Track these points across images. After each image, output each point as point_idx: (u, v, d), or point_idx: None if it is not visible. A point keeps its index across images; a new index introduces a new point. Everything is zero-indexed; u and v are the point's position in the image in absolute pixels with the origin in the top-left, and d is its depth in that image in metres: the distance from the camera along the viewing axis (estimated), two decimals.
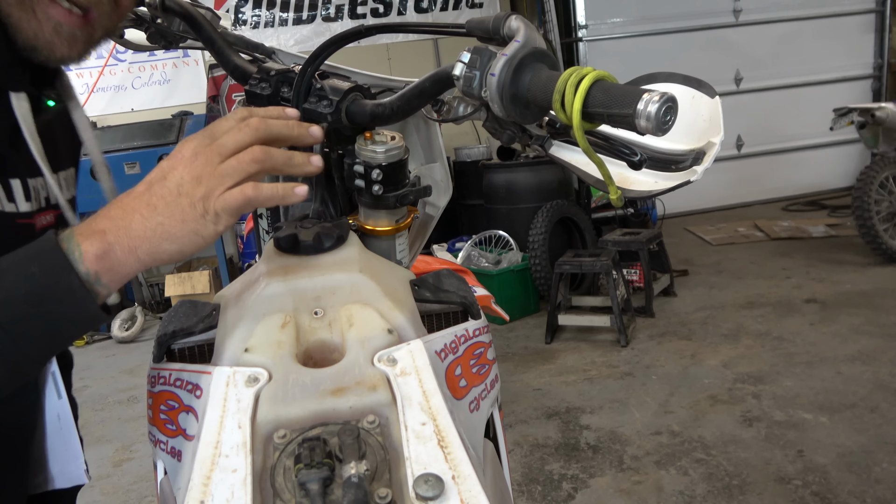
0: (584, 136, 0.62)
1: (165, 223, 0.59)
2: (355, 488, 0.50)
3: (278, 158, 0.63)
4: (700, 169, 0.71)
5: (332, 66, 0.89)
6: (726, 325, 3.76)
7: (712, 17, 6.36)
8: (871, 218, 4.29)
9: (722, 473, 2.38)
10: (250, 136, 0.62)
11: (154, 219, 0.59)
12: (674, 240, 5.50)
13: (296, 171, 0.64)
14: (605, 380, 3.24)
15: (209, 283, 4.68)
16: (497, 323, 3.94)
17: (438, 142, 1.01)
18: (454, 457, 0.55)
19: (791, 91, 6.61)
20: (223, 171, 0.60)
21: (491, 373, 0.75)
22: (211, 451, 0.55)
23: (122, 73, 5.47)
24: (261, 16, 5.65)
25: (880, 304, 3.83)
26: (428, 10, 5.85)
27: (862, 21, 6.72)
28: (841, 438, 2.52)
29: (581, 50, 6.27)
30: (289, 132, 0.65)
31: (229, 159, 0.61)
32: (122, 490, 2.70)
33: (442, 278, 0.80)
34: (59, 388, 0.86)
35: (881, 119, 4.42)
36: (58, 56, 0.73)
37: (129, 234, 0.59)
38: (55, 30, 0.71)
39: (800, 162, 6.80)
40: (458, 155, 5.33)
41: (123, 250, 0.59)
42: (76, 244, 0.58)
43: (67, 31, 0.72)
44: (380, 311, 0.67)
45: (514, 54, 0.64)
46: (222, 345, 0.67)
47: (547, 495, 2.37)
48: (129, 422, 3.33)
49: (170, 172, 0.60)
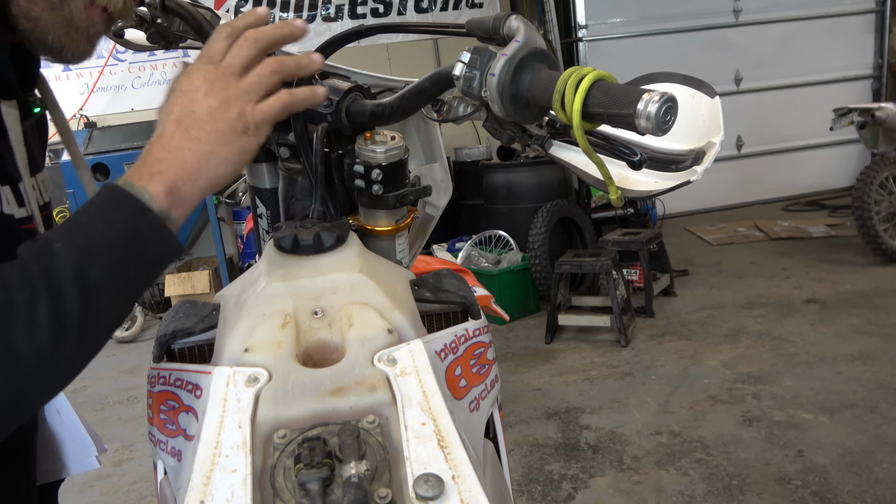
0: (584, 136, 0.62)
1: (214, 150, 0.62)
2: (355, 488, 0.50)
3: (290, 65, 0.65)
4: (700, 169, 0.71)
5: (332, 66, 0.89)
6: (726, 325, 3.76)
7: (712, 17, 6.36)
8: (871, 218, 4.29)
9: (722, 473, 2.38)
10: (253, 48, 0.64)
11: (203, 148, 0.61)
12: (674, 240, 5.50)
13: (306, 71, 0.67)
14: (605, 380, 3.24)
15: (209, 283, 4.68)
16: (497, 323, 3.94)
17: (438, 142, 1.01)
18: (454, 457, 0.55)
19: (791, 91, 6.61)
20: (246, 87, 0.63)
21: (491, 373, 0.75)
22: (211, 451, 0.55)
23: (122, 73, 5.47)
24: None
25: (880, 304, 3.84)
26: (428, 10, 5.85)
27: (862, 21, 6.72)
28: (841, 438, 2.52)
29: (581, 50, 6.27)
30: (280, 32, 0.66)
31: (248, 75, 0.63)
32: (122, 490, 2.70)
33: (442, 278, 0.80)
34: None
35: (881, 119, 4.42)
36: (80, 52, 0.75)
37: (186, 168, 0.61)
38: (87, 30, 0.73)
39: (800, 162, 6.80)
40: (458, 155, 5.33)
41: (185, 183, 0.61)
42: (142, 188, 0.60)
43: (97, 28, 0.74)
44: (380, 311, 0.67)
45: (514, 54, 0.64)
46: (222, 345, 0.67)
47: (547, 495, 2.37)
48: (129, 422, 3.33)
49: (193, 105, 0.62)
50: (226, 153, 0.62)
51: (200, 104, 0.62)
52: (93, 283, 0.56)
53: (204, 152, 0.62)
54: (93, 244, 0.57)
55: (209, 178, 0.63)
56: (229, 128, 0.62)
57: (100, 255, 0.57)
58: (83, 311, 0.55)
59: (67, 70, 5.31)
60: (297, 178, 0.85)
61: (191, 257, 5.36)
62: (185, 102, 0.63)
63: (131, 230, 0.59)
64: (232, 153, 0.63)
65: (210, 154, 0.62)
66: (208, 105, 0.62)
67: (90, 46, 0.75)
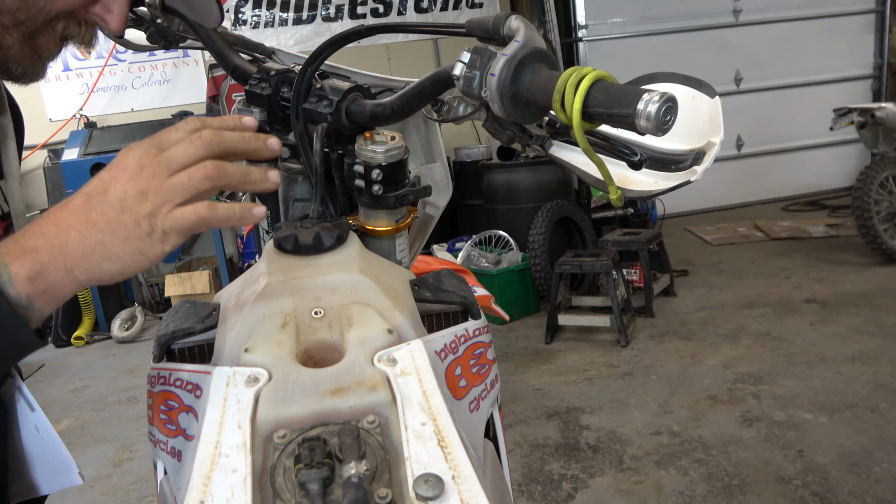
0: (584, 136, 0.62)
1: (106, 241, 0.54)
2: (355, 488, 0.50)
3: (233, 175, 0.58)
4: (700, 169, 0.71)
5: (332, 66, 0.89)
6: (726, 325, 3.75)
7: (712, 17, 6.36)
8: (871, 218, 4.29)
9: (722, 473, 2.38)
10: (202, 150, 0.57)
11: (93, 236, 0.54)
12: (674, 240, 5.50)
13: (252, 188, 0.60)
14: (605, 380, 3.24)
15: (209, 283, 4.67)
16: (497, 323, 3.94)
17: (438, 142, 1.01)
18: (454, 457, 0.55)
19: (791, 91, 6.61)
20: (171, 186, 0.55)
21: (491, 373, 0.75)
22: (211, 451, 0.55)
23: (122, 73, 5.47)
24: (261, 16, 5.65)
25: (880, 304, 3.83)
26: (428, 10, 5.85)
27: (862, 21, 6.72)
28: (841, 438, 2.52)
29: (581, 50, 6.27)
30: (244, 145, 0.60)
31: (179, 174, 0.56)
32: (122, 490, 2.70)
33: (442, 278, 0.80)
34: (31, 401, 0.86)
35: (881, 119, 4.42)
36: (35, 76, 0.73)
37: (65, 252, 0.54)
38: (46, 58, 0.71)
39: (800, 162, 6.80)
40: (458, 155, 5.33)
41: (59, 271, 0.54)
42: (3, 265, 0.53)
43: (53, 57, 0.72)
44: (380, 311, 0.67)
45: (514, 54, 0.64)
46: (222, 345, 0.67)
47: (547, 495, 2.37)
48: (129, 422, 3.33)
49: (111, 185, 0.55)
50: (118, 250, 0.55)
51: (117, 187, 0.55)
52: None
53: (93, 241, 0.54)
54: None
55: (89, 271, 0.55)
56: (133, 224, 0.54)
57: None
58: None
59: (67, 70, 5.32)
60: (297, 178, 0.86)
61: (191, 257, 5.36)
62: (107, 178, 0.56)
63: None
64: (125, 252, 0.55)
65: (99, 244, 0.54)
66: (124, 190, 0.55)
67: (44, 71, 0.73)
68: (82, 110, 5.31)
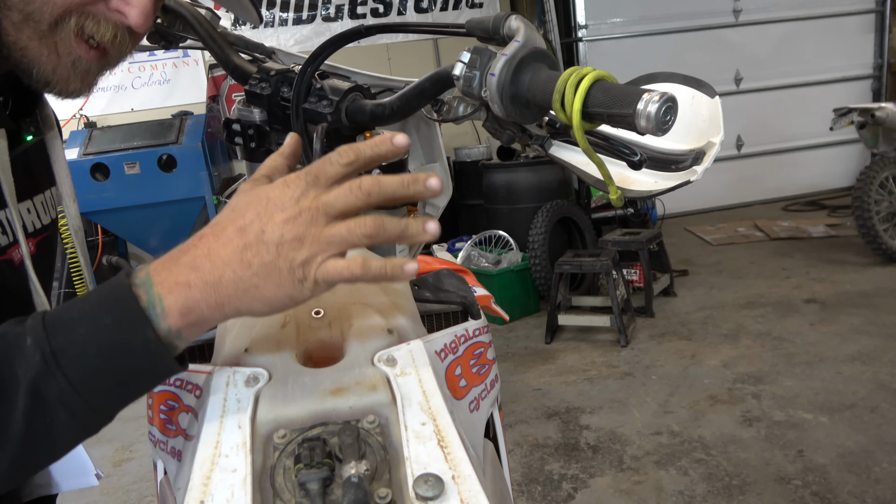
0: (584, 136, 0.62)
1: (260, 286, 0.53)
2: (355, 488, 0.50)
3: (392, 232, 0.55)
4: (700, 169, 0.71)
5: (332, 66, 0.89)
6: (726, 325, 3.75)
7: (712, 17, 6.35)
8: (871, 218, 4.29)
9: (722, 473, 2.38)
10: (363, 201, 0.54)
11: (248, 279, 0.53)
12: (674, 240, 5.50)
13: (409, 241, 0.56)
14: (605, 380, 3.24)
15: None
16: (497, 323, 3.94)
17: (438, 142, 1.01)
18: (454, 457, 0.55)
19: (791, 91, 6.61)
20: (329, 237, 0.53)
21: (491, 373, 0.75)
22: (211, 451, 0.55)
23: (122, 73, 5.47)
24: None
25: (880, 304, 3.83)
26: (428, 10, 5.85)
27: (862, 21, 6.72)
28: (841, 438, 2.52)
29: (581, 50, 6.27)
30: (404, 191, 0.56)
31: (338, 225, 0.53)
32: (122, 490, 2.70)
33: (442, 278, 0.80)
34: None
35: (881, 119, 4.42)
36: (70, 90, 0.70)
37: (218, 290, 0.53)
38: (74, 65, 0.69)
39: (800, 162, 6.80)
40: (458, 155, 5.33)
41: (210, 307, 0.53)
42: (157, 296, 0.52)
43: (84, 65, 0.69)
44: (380, 311, 0.67)
45: (513, 54, 0.64)
46: (222, 344, 0.67)
47: (547, 495, 2.37)
48: (129, 422, 3.33)
49: (268, 223, 0.53)
50: (270, 294, 0.53)
51: (274, 228, 0.53)
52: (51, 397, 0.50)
53: (247, 283, 0.53)
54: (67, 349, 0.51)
55: (238, 309, 0.54)
56: (288, 271, 0.53)
57: (70, 363, 0.51)
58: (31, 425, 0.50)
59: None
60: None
61: None
62: (262, 214, 0.53)
63: (121, 342, 0.52)
64: (276, 296, 0.53)
65: (253, 288, 0.53)
66: (281, 234, 0.53)
67: (83, 85, 0.71)
68: (82, 110, 5.31)
